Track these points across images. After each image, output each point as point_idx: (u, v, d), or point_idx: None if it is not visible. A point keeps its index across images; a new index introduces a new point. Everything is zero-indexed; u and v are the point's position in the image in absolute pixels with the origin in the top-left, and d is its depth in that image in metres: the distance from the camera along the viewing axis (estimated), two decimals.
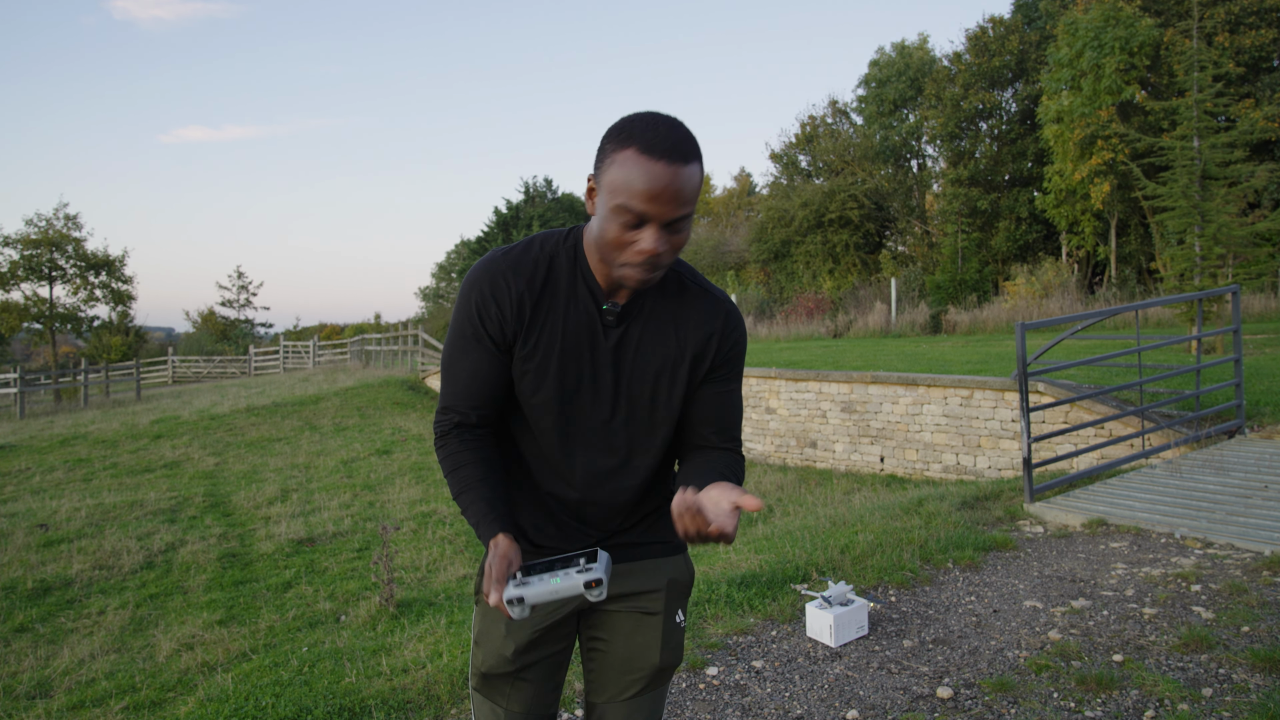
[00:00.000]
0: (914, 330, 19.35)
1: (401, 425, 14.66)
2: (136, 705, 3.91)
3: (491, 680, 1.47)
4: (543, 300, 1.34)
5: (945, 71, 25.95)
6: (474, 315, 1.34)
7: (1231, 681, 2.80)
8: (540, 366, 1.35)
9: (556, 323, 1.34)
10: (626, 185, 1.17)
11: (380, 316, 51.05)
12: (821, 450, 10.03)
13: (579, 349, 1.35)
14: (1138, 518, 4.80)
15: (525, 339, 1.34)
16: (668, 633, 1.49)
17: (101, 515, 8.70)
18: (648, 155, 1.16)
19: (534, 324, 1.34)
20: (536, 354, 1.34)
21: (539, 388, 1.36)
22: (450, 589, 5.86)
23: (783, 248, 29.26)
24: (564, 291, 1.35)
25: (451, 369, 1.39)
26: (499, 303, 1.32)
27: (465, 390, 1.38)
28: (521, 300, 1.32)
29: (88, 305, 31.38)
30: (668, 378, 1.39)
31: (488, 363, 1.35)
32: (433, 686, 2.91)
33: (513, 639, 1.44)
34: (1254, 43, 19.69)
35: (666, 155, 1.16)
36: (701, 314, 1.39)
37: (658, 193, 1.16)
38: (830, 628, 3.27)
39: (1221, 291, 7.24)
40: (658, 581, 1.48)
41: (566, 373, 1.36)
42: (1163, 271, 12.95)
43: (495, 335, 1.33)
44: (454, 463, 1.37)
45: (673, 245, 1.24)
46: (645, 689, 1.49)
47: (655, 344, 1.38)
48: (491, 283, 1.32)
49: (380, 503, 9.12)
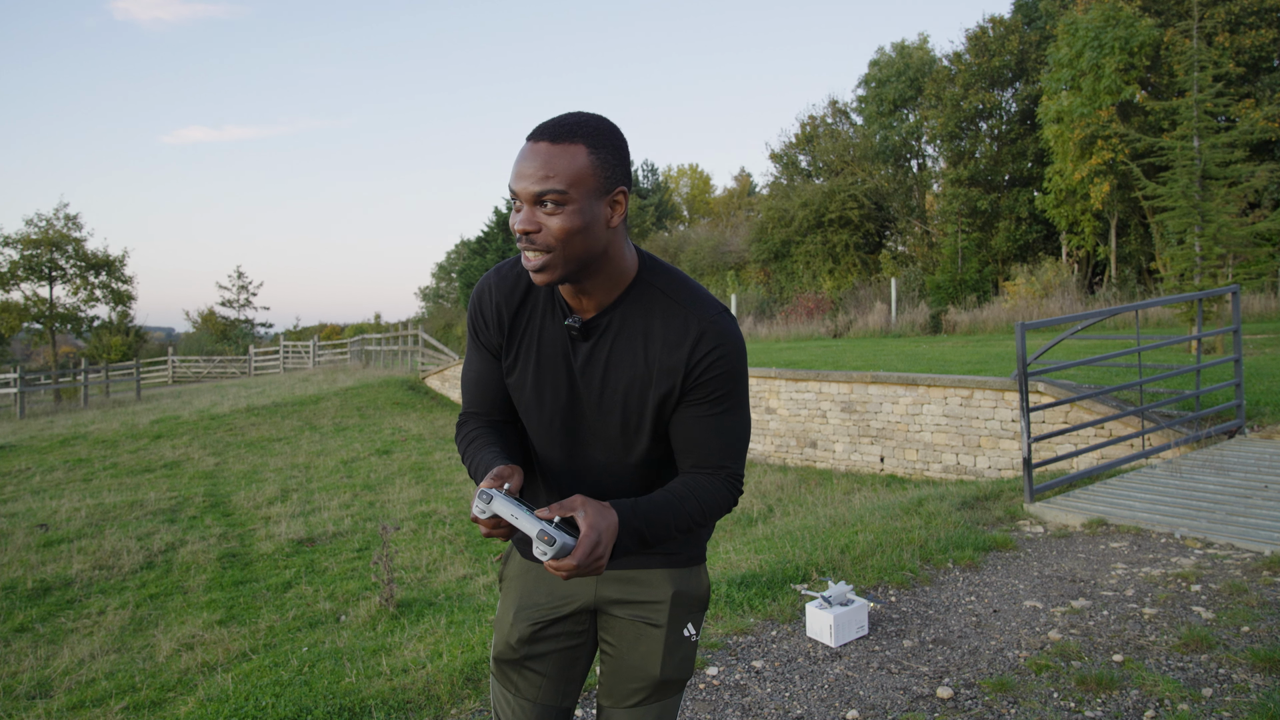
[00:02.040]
0: (914, 330, 19.35)
1: (401, 425, 14.66)
2: (136, 705, 3.91)
3: (501, 665, 1.53)
4: (520, 314, 1.39)
5: (945, 71, 25.94)
6: (469, 324, 1.44)
7: (1231, 681, 2.80)
8: (519, 378, 1.41)
9: (533, 336, 1.39)
10: (513, 171, 1.24)
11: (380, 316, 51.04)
12: (821, 450, 10.03)
13: (554, 363, 1.38)
14: (1138, 518, 4.80)
15: (507, 350, 1.41)
16: (671, 646, 1.47)
17: (101, 515, 8.70)
18: (527, 141, 1.24)
19: (513, 336, 1.40)
20: (516, 366, 1.41)
21: (520, 398, 1.43)
22: (450, 589, 5.86)
23: (783, 248, 29.24)
24: (541, 305, 1.38)
25: (463, 377, 1.50)
26: (484, 313, 1.41)
27: (473, 396, 1.47)
28: (500, 312, 1.39)
29: (88, 305, 31.38)
30: (636, 397, 1.34)
31: (485, 369, 1.44)
32: (433, 686, 2.91)
33: (517, 628, 1.49)
34: (1254, 43, 19.67)
35: (533, 135, 1.23)
36: (674, 331, 1.31)
37: (521, 169, 1.22)
38: (830, 628, 3.27)
39: (1221, 291, 7.24)
40: (662, 593, 1.47)
41: (542, 385, 1.39)
42: (1163, 271, 12.94)
43: (487, 344, 1.42)
44: (467, 439, 1.44)
45: (550, 228, 1.22)
46: (648, 699, 1.48)
47: (622, 361, 1.34)
48: (479, 294, 1.42)
49: (380, 503, 9.12)
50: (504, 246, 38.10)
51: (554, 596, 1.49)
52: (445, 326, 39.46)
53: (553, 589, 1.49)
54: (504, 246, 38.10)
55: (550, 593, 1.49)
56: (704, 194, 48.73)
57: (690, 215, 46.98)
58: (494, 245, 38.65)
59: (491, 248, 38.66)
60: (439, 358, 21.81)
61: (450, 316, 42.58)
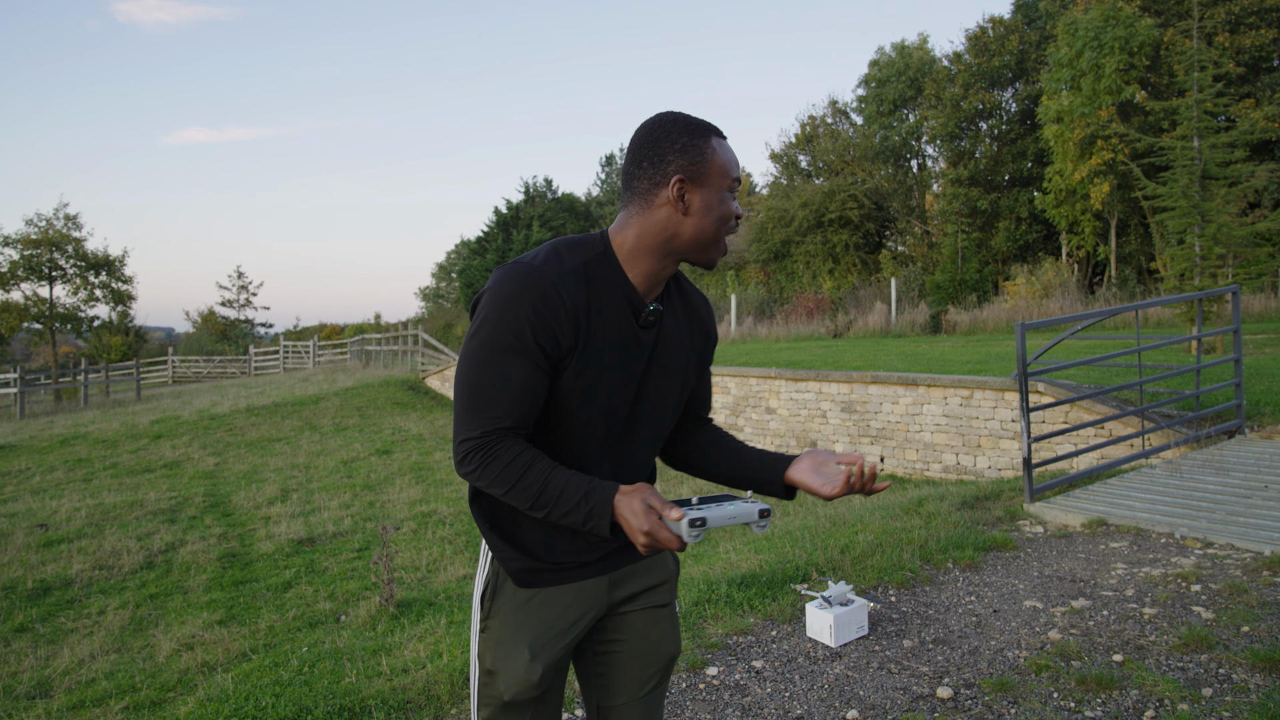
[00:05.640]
0: (914, 330, 19.34)
1: (401, 425, 14.66)
2: (136, 705, 3.91)
3: (513, 708, 1.41)
4: (592, 312, 1.31)
5: (945, 71, 25.94)
6: (523, 329, 1.25)
7: (1231, 681, 2.80)
8: (590, 379, 1.33)
9: (605, 333, 1.33)
10: (727, 165, 1.35)
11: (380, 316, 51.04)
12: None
13: (625, 357, 1.36)
14: (1138, 518, 4.80)
15: (581, 352, 1.31)
16: (676, 620, 1.56)
17: (101, 515, 8.71)
18: (723, 139, 1.38)
19: (589, 336, 1.31)
20: (589, 367, 1.32)
21: (588, 400, 1.34)
22: (450, 589, 5.86)
23: (783, 248, 29.25)
24: (605, 300, 1.33)
25: (490, 389, 1.27)
26: (555, 316, 1.26)
27: (512, 409, 1.27)
28: (576, 314, 1.29)
29: (88, 305, 31.37)
30: (684, 373, 1.48)
31: (538, 379, 1.28)
32: (433, 686, 2.91)
33: (539, 662, 1.39)
34: (1254, 43, 19.68)
35: (722, 134, 1.40)
36: (700, 310, 1.53)
37: (733, 160, 1.38)
38: (830, 628, 3.27)
39: (1221, 291, 7.24)
40: (664, 573, 1.54)
41: (614, 383, 1.36)
42: (1163, 271, 12.94)
43: (549, 348, 1.27)
44: (522, 462, 1.27)
45: None
46: (660, 682, 1.53)
47: (676, 341, 1.46)
48: (542, 293, 1.26)
49: (380, 503, 9.12)
50: (504, 246, 38.01)
51: (569, 615, 1.42)
52: (445, 326, 39.45)
53: (564, 612, 1.42)
54: (504, 246, 38.01)
55: (564, 612, 1.42)
56: None
57: None
58: (494, 245, 38.58)
59: (491, 248, 38.60)
60: (439, 358, 21.81)
61: (450, 316, 42.55)
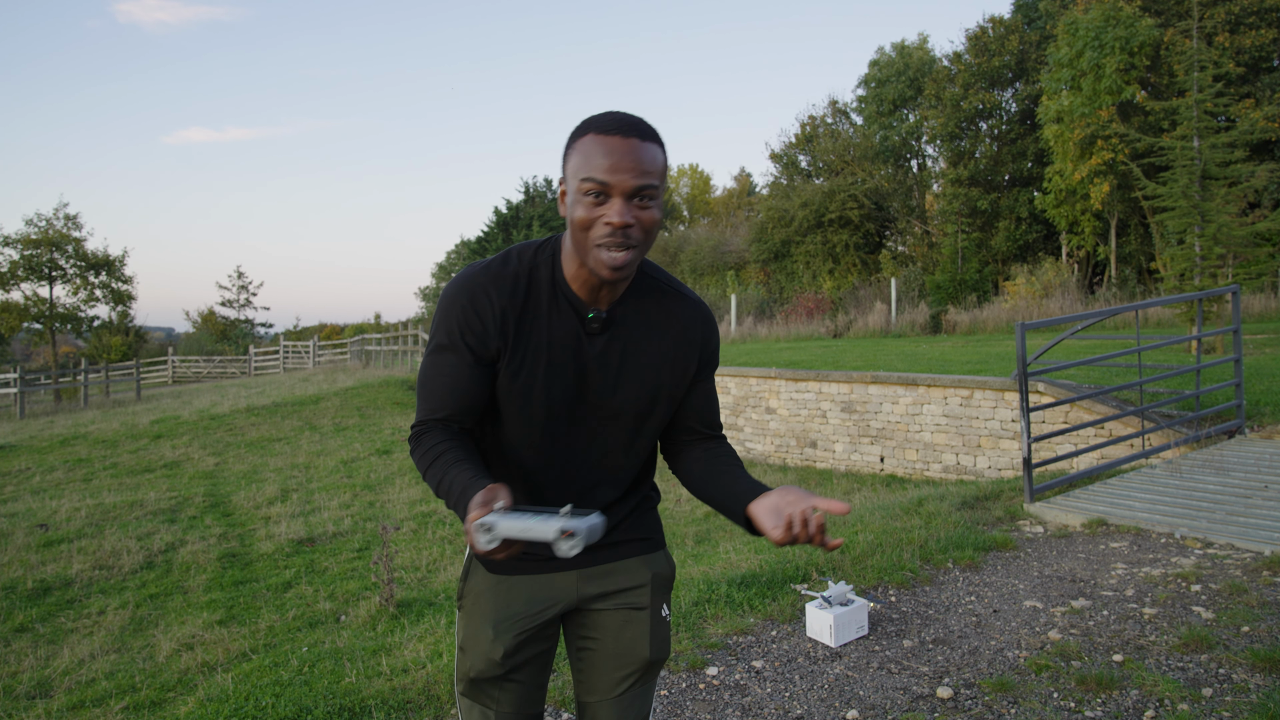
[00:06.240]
0: (914, 330, 19.35)
1: (401, 425, 14.65)
2: (136, 705, 3.91)
3: (480, 684, 1.46)
4: (525, 314, 1.33)
5: (945, 71, 25.94)
6: (454, 329, 1.31)
7: (1231, 681, 2.80)
8: (527, 381, 1.34)
9: (540, 336, 1.33)
10: (587, 162, 1.22)
11: (380, 316, 51.02)
12: (821, 450, 10.03)
13: (565, 361, 1.34)
14: (1138, 518, 4.80)
15: (512, 354, 1.33)
16: (655, 626, 1.51)
17: (101, 515, 8.70)
18: (604, 134, 1.23)
19: (519, 339, 1.32)
20: (523, 369, 1.33)
21: (527, 402, 1.35)
22: (450, 589, 5.86)
23: (783, 248, 29.25)
24: (545, 304, 1.34)
25: (429, 383, 1.35)
26: (481, 317, 1.30)
27: (443, 402, 1.34)
28: (503, 315, 1.31)
29: (88, 305, 31.36)
30: (656, 386, 1.41)
31: (467, 375, 1.32)
32: (433, 686, 2.91)
33: (500, 642, 1.42)
34: (1254, 43, 19.68)
35: (621, 130, 1.23)
36: (684, 322, 1.43)
37: (616, 162, 1.21)
38: (830, 628, 3.27)
39: (1221, 291, 7.24)
40: (642, 577, 1.50)
41: (553, 386, 1.35)
42: (1163, 271, 12.94)
43: (476, 348, 1.31)
44: (434, 454, 1.31)
45: (641, 222, 1.24)
46: (635, 684, 1.50)
47: (640, 351, 1.39)
48: (472, 296, 1.31)
49: (380, 503, 9.12)
50: (504, 246, 37.97)
51: (534, 603, 1.45)
52: None
53: (532, 595, 1.45)
54: (504, 246, 37.97)
55: (530, 599, 1.45)
56: (704, 194, 48.71)
57: (690, 215, 46.99)
58: (494, 245, 38.64)
59: (491, 248, 38.65)
60: None
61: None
